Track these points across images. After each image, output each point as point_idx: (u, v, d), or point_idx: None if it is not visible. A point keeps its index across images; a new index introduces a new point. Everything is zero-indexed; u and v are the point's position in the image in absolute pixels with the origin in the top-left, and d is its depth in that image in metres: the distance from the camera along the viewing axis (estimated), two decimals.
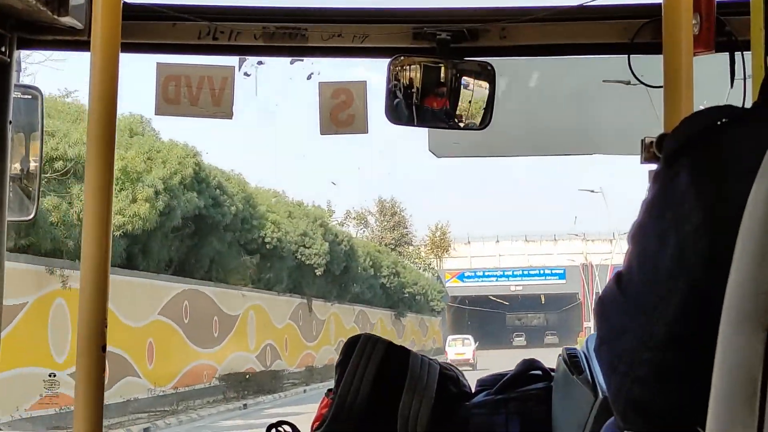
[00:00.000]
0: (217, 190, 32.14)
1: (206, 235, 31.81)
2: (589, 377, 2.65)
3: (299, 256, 41.30)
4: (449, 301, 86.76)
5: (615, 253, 67.56)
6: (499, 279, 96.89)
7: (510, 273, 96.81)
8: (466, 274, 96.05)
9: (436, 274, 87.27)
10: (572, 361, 2.72)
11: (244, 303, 38.07)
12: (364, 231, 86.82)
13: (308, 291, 45.76)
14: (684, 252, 1.37)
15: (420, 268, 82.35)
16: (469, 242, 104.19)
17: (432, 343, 78.91)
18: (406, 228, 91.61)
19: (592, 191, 66.27)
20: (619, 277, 1.50)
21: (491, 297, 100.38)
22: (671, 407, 1.41)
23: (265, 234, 37.20)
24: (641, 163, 1.99)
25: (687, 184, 1.40)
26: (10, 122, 3.17)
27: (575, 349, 2.78)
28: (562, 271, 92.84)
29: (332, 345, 49.96)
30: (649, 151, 1.93)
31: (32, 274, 23.13)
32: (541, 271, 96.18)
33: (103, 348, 1.99)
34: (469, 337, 64.26)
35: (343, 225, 74.05)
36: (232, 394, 34.77)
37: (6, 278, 2.78)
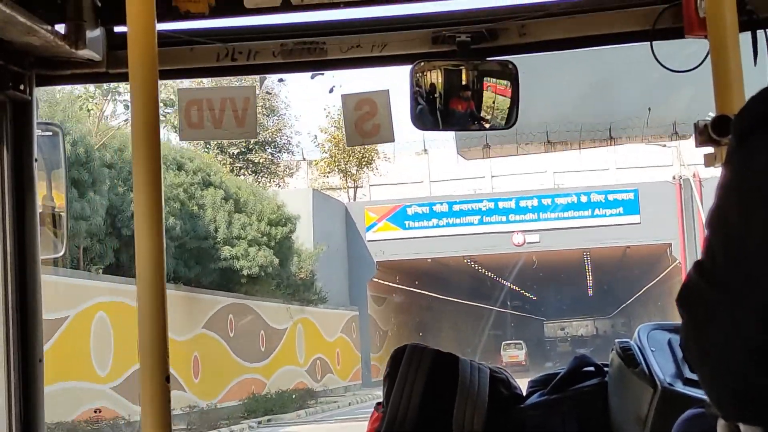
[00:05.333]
0: None
1: None
2: (646, 369, 2.62)
3: None
4: (375, 275, 42.34)
5: None
6: (488, 218, 41.80)
7: (512, 205, 41.87)
8: (410, 212, 42.02)
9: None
10: (626, 354, 2.69)
11: None
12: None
13: None
14: None
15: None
16: (425, 150, 52.23)
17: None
18: (277, 114, 45.54)
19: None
20: (700, 266, 1.46)
21: (469, 261, 48.51)
22: None
23: None
24: (696, 147, 1.96)
25: (765, 162, 1.37)
26: (36, 160, 3.15)
27: (628, 341, 2.75)
28: (632, 196, 41.02)
29: None
30: (704, 134, 1.90)
31: None
32: (582, 199, 41.52)
33: (167, 379, 1.96)
34: (521, 341, 56.87)
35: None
36: None
37: None
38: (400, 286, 47.47)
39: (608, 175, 49.70)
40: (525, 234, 41.58)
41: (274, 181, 44.61)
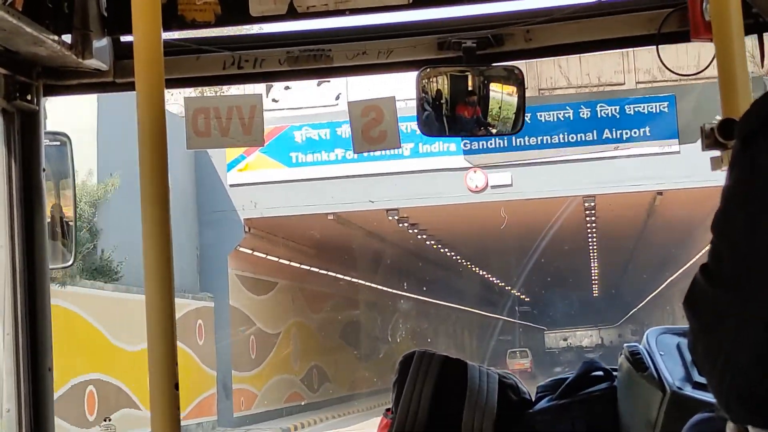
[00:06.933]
0: None
1: None
2: (655, 373, 2.62)
3: None
4: (245, 243, 25.47)
5: None
6: (426, 147, 23.09)
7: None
8: (300, 138, 23.25)
9: None
10: (635, 358, 2.69)
11: None
12: None
13: None
14: None
15: None
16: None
17: None
18: None
19: None
20: (706, 270, 1.46)
21: (397, 217, 26.42)
22: None
23: None
24: (702, 150, 1.96)
25: None
26: (44, 170, 3.16)
27: (637, 345, 2.75)
28: (665, 107, 22.33)
29: None
30: (710, 138, 1.90)
31: None
32: (583, 114, 22.56)
33: (176, 386, 1.97)
34: (526, 349, 57.03)
35: None
36: None
37: None
38: (304, 267, 30.43)
39: (623, 75, 24.18)
40: (486, 172, 24.03)
41: None
